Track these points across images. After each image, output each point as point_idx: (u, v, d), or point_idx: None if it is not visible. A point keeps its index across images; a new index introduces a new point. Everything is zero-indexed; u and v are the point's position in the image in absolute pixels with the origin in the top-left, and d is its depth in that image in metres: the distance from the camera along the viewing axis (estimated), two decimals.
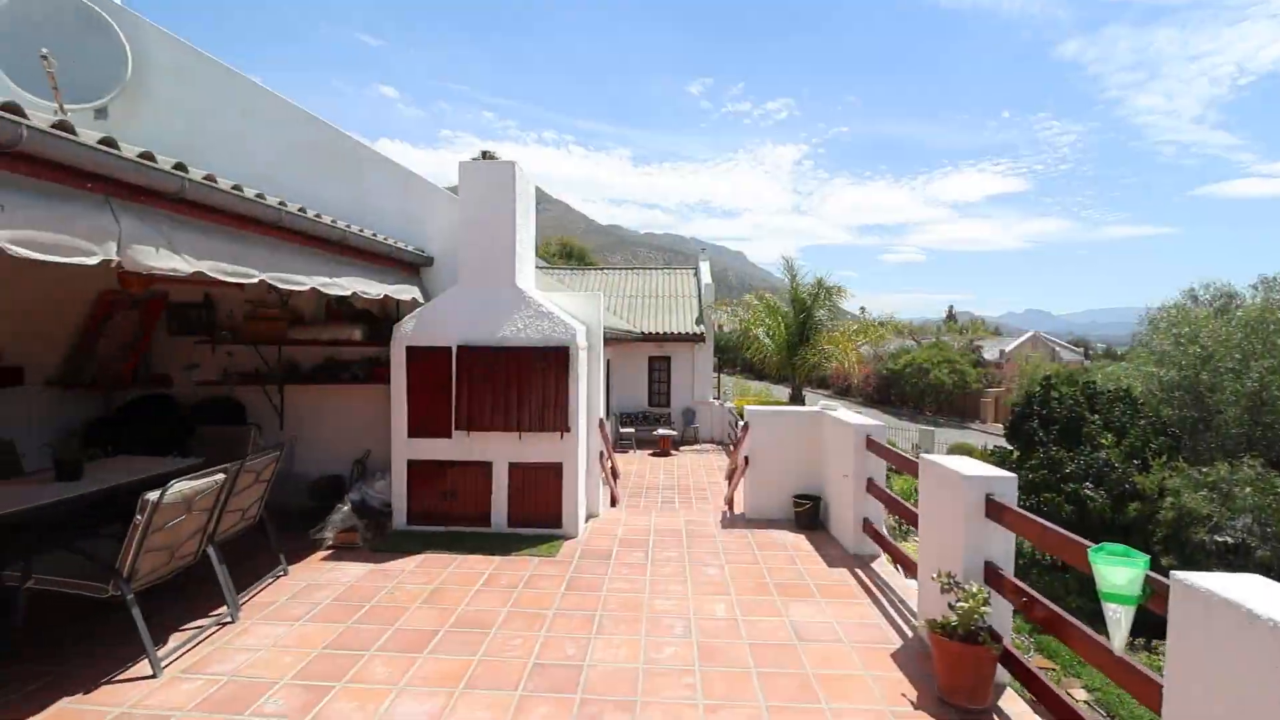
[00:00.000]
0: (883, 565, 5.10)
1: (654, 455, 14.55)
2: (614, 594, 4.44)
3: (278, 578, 4.60)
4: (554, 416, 5.56)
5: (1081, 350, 50.32)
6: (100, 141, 2.68)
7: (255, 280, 3.73)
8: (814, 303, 15.01)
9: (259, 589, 4.39)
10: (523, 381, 5.56)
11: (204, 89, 6.14)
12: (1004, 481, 3.38)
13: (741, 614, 4.13)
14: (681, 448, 15.70)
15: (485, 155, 5.90)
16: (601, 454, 6.50)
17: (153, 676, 3.25)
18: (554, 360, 5.55)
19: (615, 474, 7.61)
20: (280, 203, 3.91)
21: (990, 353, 41.60)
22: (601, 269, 23.34)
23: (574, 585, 4.59)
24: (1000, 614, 3.28)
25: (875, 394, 39.76)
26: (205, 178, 3.26)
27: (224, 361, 6.38)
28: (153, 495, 3.24)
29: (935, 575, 3.33)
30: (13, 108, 2.34)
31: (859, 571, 4.94)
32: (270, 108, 6.19)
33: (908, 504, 4.57)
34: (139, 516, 3.22)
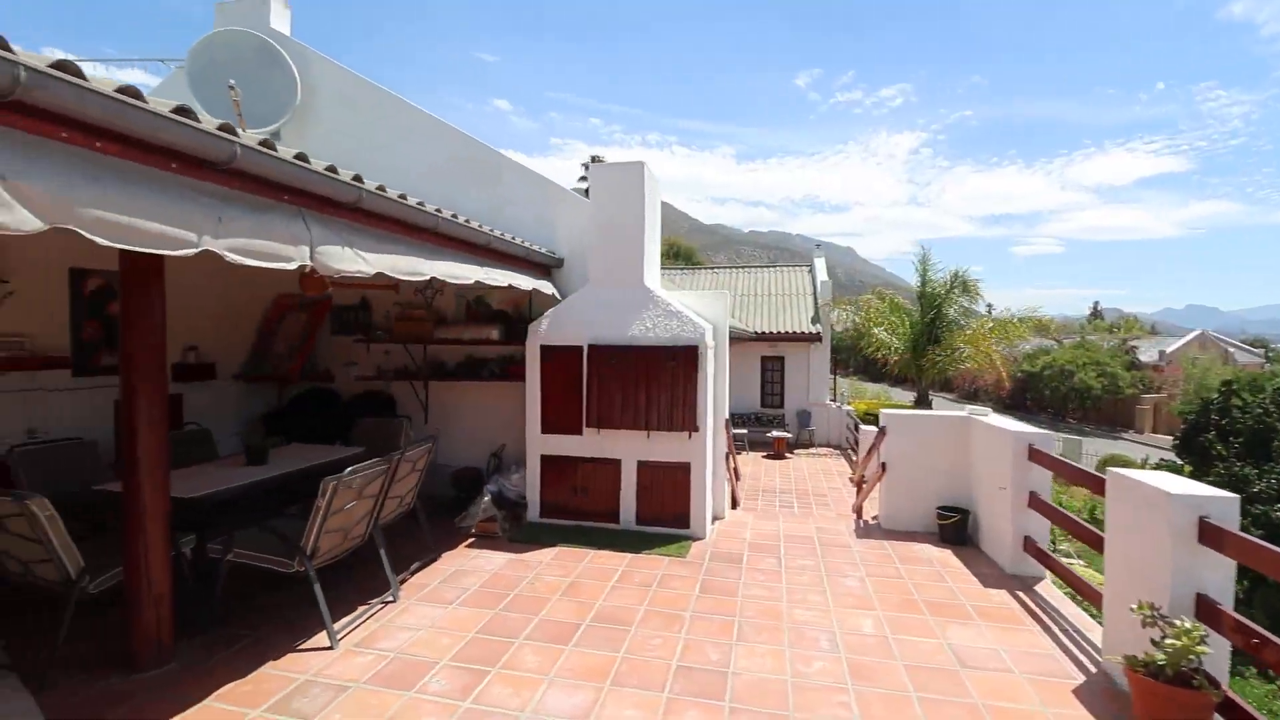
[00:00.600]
0: (1047, 588, 4.61)
1: (768, 458, 14.22)
2: (750, 600, 4.32)
3: (428, 562, 4.89)
4: (682, 416, 5.52)
5: (1261, 350, 43.57)
6: (295, 157, 2.94)
7: (426, 276, 3.97)
8: (945, 299, 13.98)
9: (414, 572, 4.69)
10: (651, 380, 5.56)
11: (363, 110, 6.68)
12: (1222, 502, 2.93)
13: (891, 631, 3.87)
14: (796, 451, 15.23)
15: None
16: (727, 455, 6.38)
17: (330, 648, 3.54)
18: (682, 359, 5.51)
19: (737, 475, 7.47)
20: (436, 210, 4.14)
21: (1147, 354, 37.02)
22: (711, 268, 23.17)
23: (708, 588, 4.52)
24: (1217, 654, 2.83)
25: (1008, 398, 36.53)
26: (377, 188, 3.51)
27: (378, 359, 6.91)
28: (332, 480, 3.53)
29: (1136, 607, 2.92)
30: (228, 128, 2.60)
31: (1021, 594, 4.48)
32: (419, 124, 6.63)
33: (1084, 522, 4.09)
34: (320, 500, 3.52)
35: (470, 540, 5.46)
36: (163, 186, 2.38)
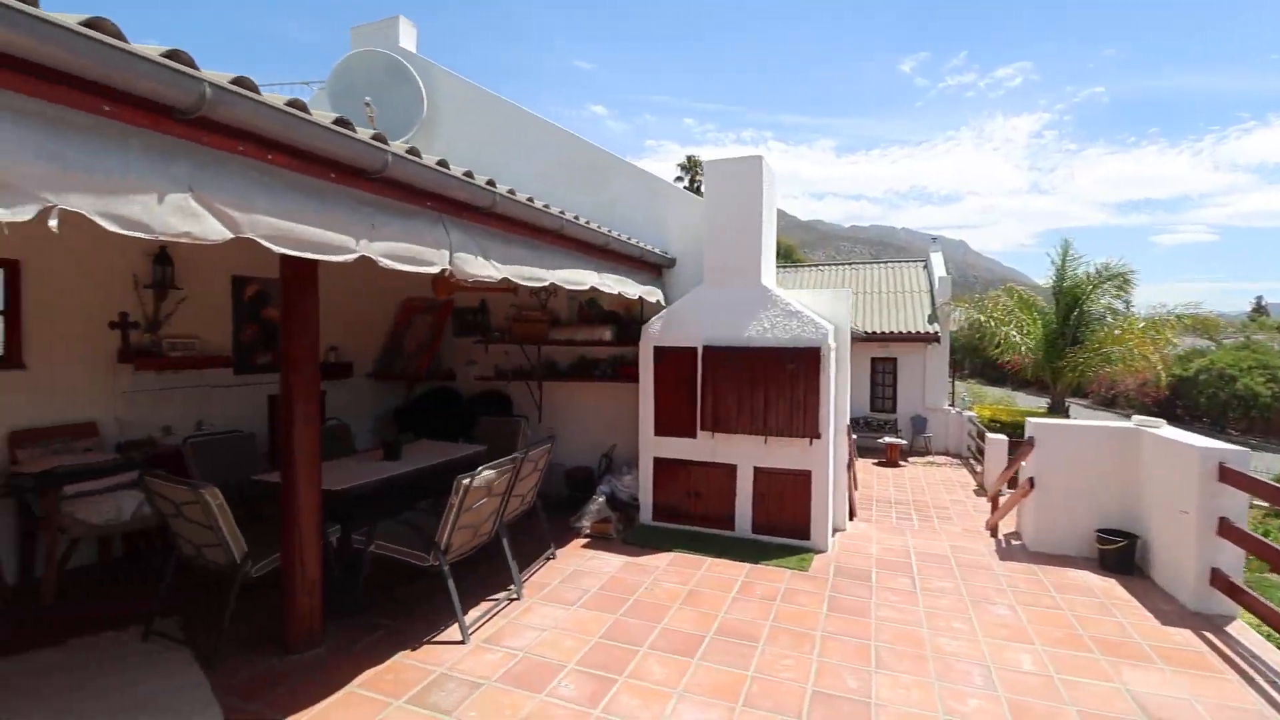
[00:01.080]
0: (1242, 630, 3.95)
1: (879, 465, 13.43)
2: (886, 624, 4.00)
3: (547, 561, 4.94)
4: (803, 421, 5.25)
5: None
6: (436, 163, 3.00)
7: (547, 283, 4.00)
8: (1090, 295, 12.58)
9: (534, 570, 4.75)
10: (769, 383, 5.33)
11: (480, 118, 6.91)
12: None
13: (1055, 670, 3.43)
14: (910, 458, 14.31)
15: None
16: (848, 463, 6.03)
17: (461, 643, 3.62)
18: (804, 362, 5.24)
19: (856, 484, 7.06)
20: (560, 212, 4.15)
21: None
22: (814, 265, 22.34)
23: (836, 606, 4.24)
24: None
25: (1156, 406, 32.60)
26: (508, 191, 3.55)
27: (496, 359, 7.13)
28: (465, 479, 3.60)
29: None
30: (380, 138, 2.68)
31: (1209, 635, 3.87)
32: (532, 129, 6.77)
33: None
34: (454, 498, 3.61)
35: (585, 541, 5.47)
36: (323, 195, 2.48)
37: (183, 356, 5.03)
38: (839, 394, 5.73)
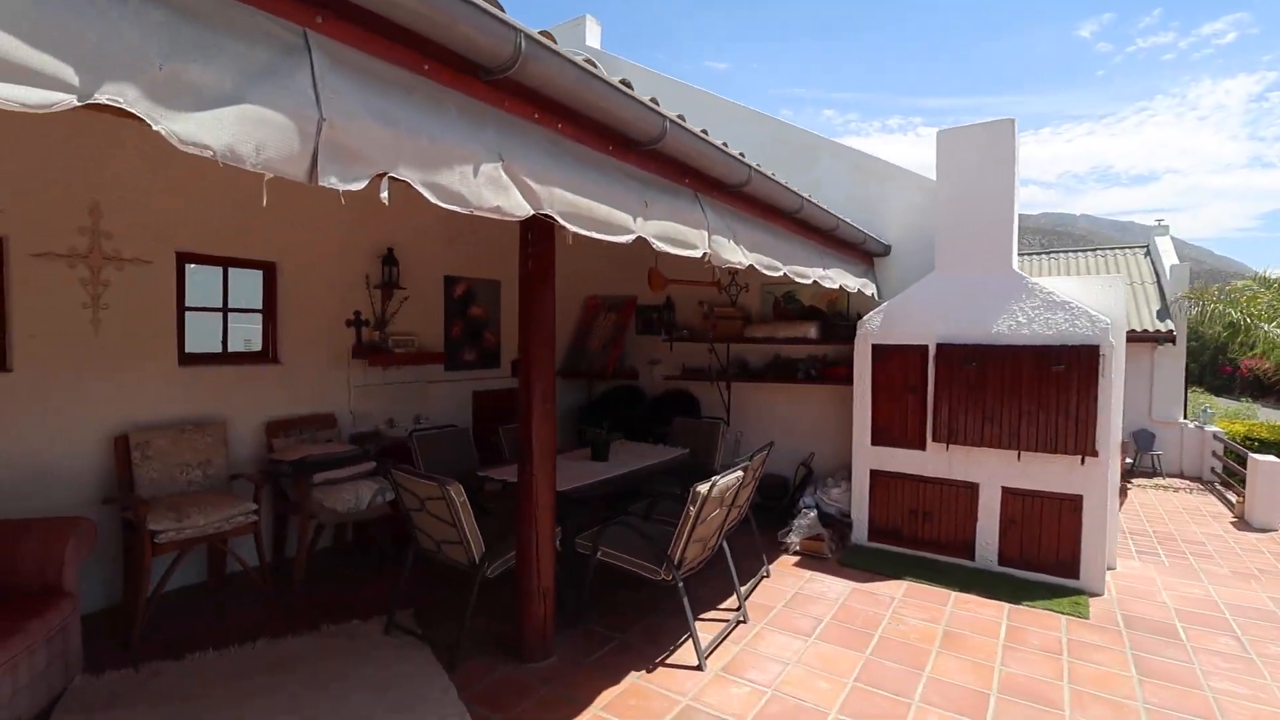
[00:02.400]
0: None
1: None
2: (1229, 700, 3.08)
3: (761, 579, 4.50)
4: (1074, 435, 4.35)
5: None
6: (701, 131, 2.66)
7: (780, 274, 3.56)
8: None
9: (750, 588, 4.33)
10: (1026, 388, 4.48)
11: (673, 106, 6.64)
12: None
13: None
14: (1135, 479, 12.13)
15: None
16: (1122, 488, 4.97)
17: (698, 668, 3.27)
18: (1076, 363, 4.34)
19: None
20: (798, 190, 3.69)
21: None
22: None
23: (1149, 670, 3.37)
24: None
25: None
26: (757, 166, 3.15)
27: (682, 357, 6.85)
28: (701, 487, 3.25)
29: None
30: (655, 101, 2.38)
31: None
32: (731, 115, 6.40)
33: None
34: (691, 507, 3.27)
35: (795, 558, 4.96)
36: (603, 169, 2.22)
37: (405, 352, 5.23)
38: (1116, 402, 4.72)
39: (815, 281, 4.20)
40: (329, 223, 4.88)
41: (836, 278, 4.54)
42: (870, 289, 5.46)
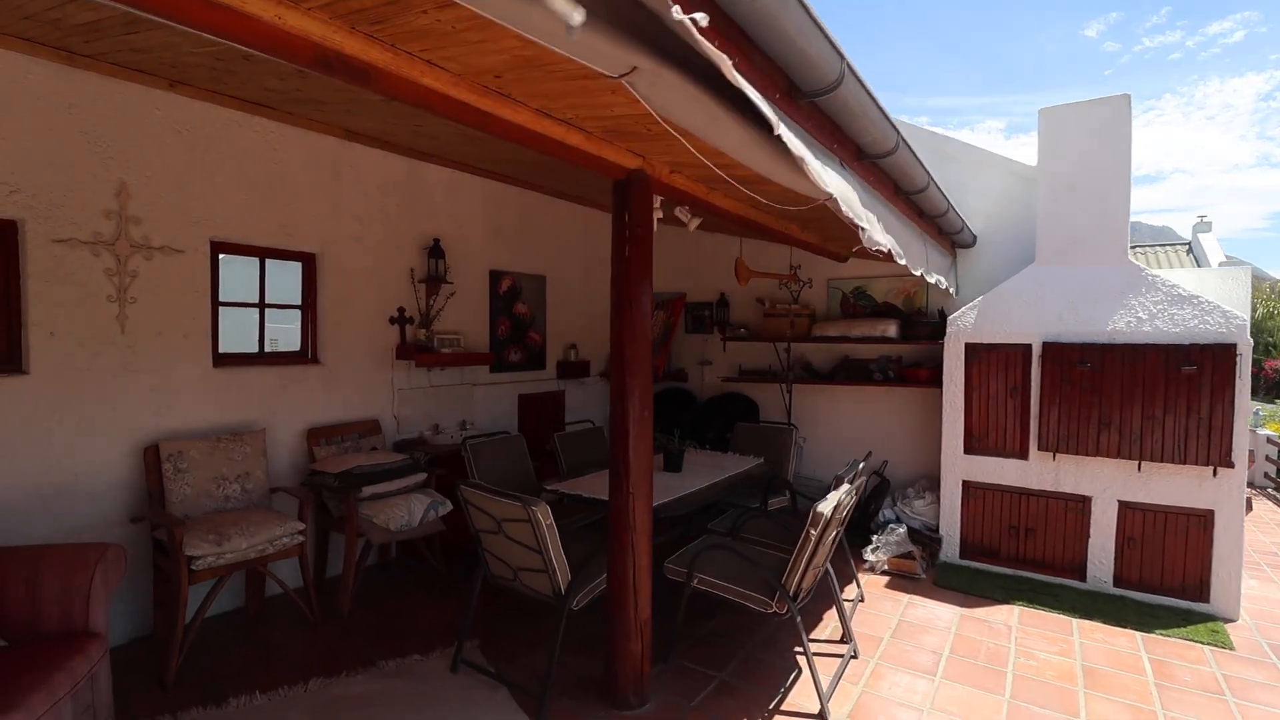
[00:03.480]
0: None
1: None
2: None
3: (857, 604, 4.05)
4: (1205, 444, 3.90)
5: None
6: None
7: (903, 263, 3.12)
8: None
9: (849, 615, 3.88)
10: (1150, 392, 4.04)
11: None
12: None
13: None
14: None
15: None
16: (1248, 500, 4.52)
17: (820, 717, 2.83)
18: (1209, 364, 3.89)
19: None
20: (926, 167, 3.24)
21: None
22: None
23: None
24: None
25: None
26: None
27: (738, 357, 6.40)
28: (824, 507, 2.81)
29: None
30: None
31: None
32: None
33: None
34: (811, 529, 2.83)
35: (884, 579, 4.51)
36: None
37: (452, 353, 4.80)
38: (1247, 408, 4.27)
39: (921, 275, 3.76)
40: (371, 211, 4.46)
41: (933, 270, 4.11)
42: (951, 284, 5.02)
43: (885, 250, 2.60)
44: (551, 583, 2.91)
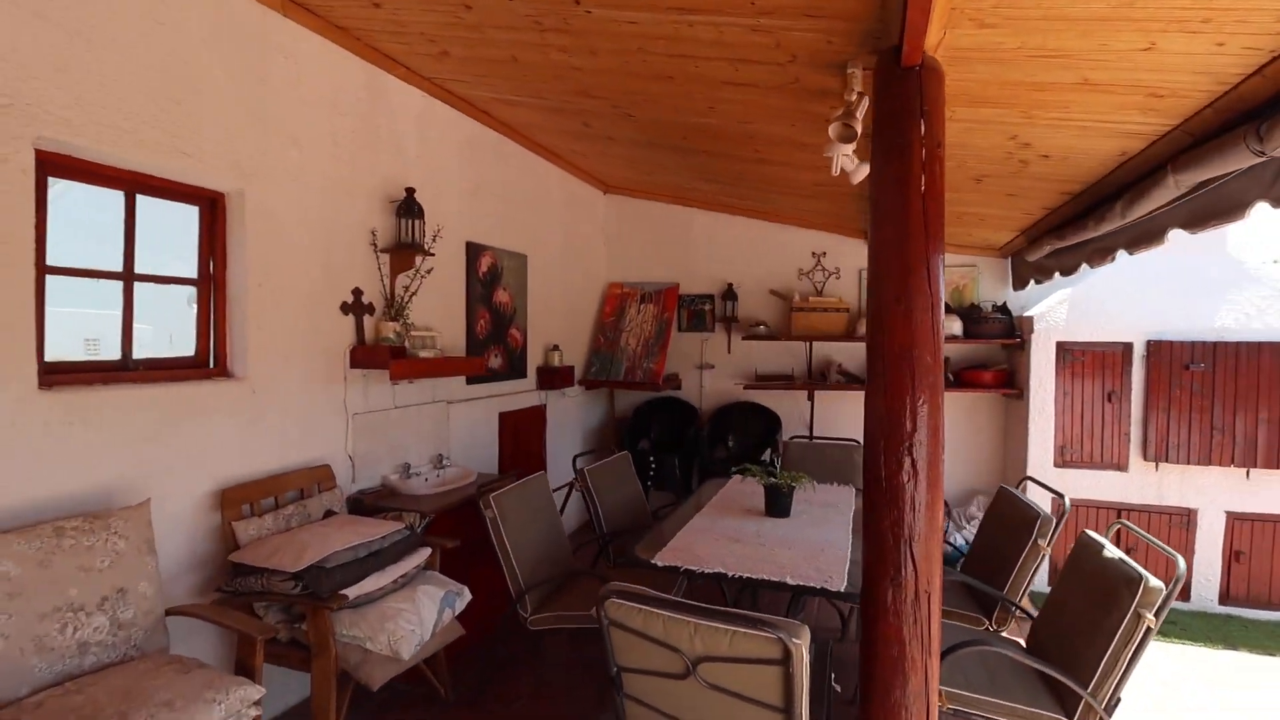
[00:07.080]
0: None
1: None
2: None
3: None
4: None
5: None
6: None
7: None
8: None
9: None
10: (1266, 393, 3.71)
11: None
12: None
13: None
14: None
15: None
16: None
17: None
18: None
19: None
20: None
21: None
22: None
23: None
24: None
25: None
26: None
27: (745, 360, 5.41)
28: (1156, 582, 1.92)
29: None
30: None
31: None
32: None
33: None
34: (1151, 617, 1.92)
35: None
36: None
37: (432, 358, 3.26)
38: None
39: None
40: (317, 134, 2.83)
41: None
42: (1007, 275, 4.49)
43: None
44: None
